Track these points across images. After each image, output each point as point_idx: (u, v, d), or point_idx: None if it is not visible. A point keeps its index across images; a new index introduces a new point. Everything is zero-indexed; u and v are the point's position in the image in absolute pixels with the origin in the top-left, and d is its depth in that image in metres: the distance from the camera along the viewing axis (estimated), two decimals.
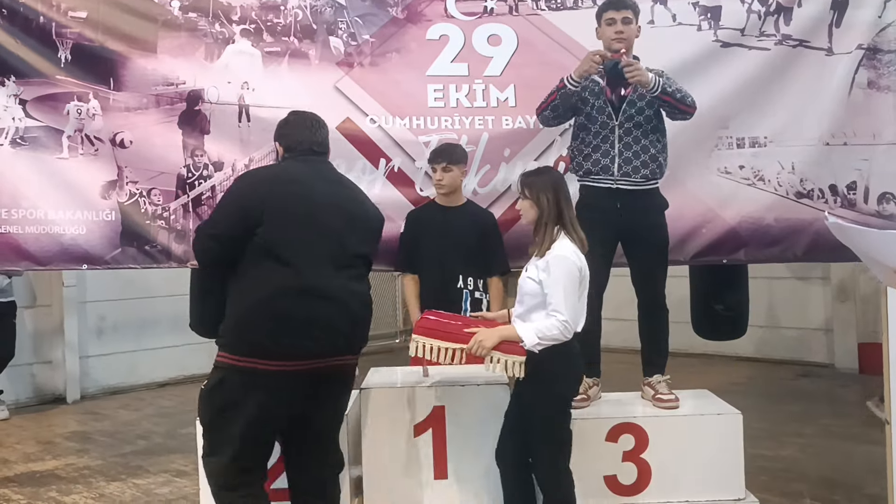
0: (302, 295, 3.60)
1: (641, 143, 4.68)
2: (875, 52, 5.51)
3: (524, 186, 4.07)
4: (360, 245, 3.85)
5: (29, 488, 6.01)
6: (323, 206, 3.76)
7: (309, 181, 3.84)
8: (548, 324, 3.83)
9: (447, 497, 4.38)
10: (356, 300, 3.78)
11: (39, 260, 5.51)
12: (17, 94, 5.47)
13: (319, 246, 3.68)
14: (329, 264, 3.68)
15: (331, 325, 3.65)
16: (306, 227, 3.68)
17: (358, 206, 3.95)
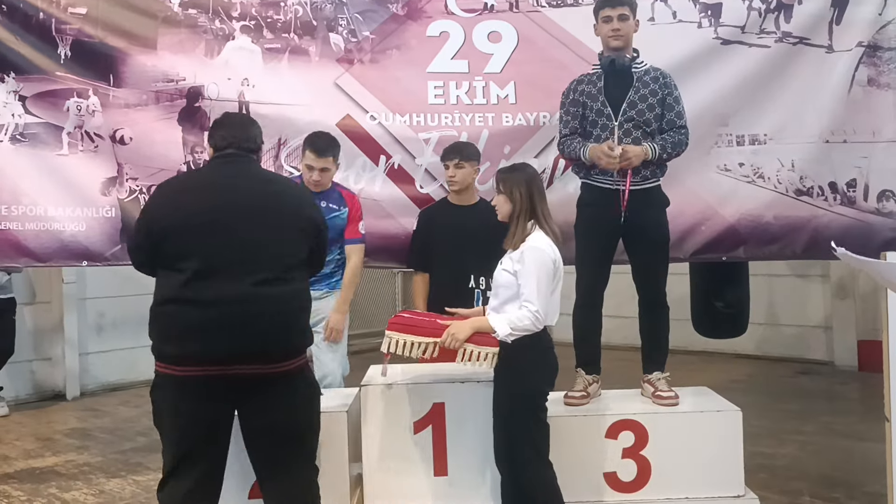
0: (194, 304, 3.51)
1: (642, 145, 4.67)
2: (875, 50, 5.51)
3: (498, 182, 4.13)
4: (282, 246, 3.60)
5: (29, 485, 6.01)
6: (232, 211, 3.58)
7: (221, 186, 3.69)
8: (520, 314, 3.86)
9: (447, 493, 4.38)
10: (264, 306, 3.49)
11: (39, 256, 5.51)
12: (16, 90, 5.47)
13: (222, 253, 3.53)
14: (232, 271, 3.50)
15: (224, 331, 3.47)
16: (208, 236, 3.55)
17: (281, 205, 3.69)
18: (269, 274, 3.53)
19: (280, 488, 3.69)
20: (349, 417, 4.42)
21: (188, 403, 3.59)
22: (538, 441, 3.95)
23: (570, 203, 4.96)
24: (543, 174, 5.55)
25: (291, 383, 3.61)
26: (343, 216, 5.11)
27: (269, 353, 3.53)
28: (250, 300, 3.48)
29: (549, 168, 5.56)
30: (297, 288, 3.63)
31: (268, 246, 3.57)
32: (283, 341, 3.57)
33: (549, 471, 3.96)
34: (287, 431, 3.65)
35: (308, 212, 3.75)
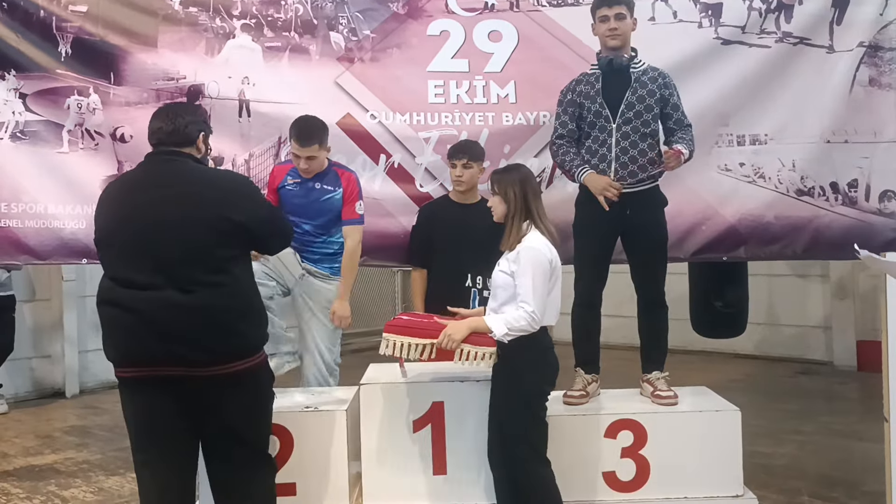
0: (120, 307, 3.49)
1: (639, 148, 4.67)
2: (876, 50, 5.51)
3: (493, 183, 4.13)
4: (198, 250, 3.47)
5: (28, 482, 6.01)
6: (145, 212, 3.53)
7: (140, 184, 3.68)
8: (516, 314, 3.86)
9: (446, 492, 4.38)
10: (183, 310, 3.42)
11: (39, 254, 5.51)
12: (17, 87, 5.47)
13: (138, 259, 3.48)
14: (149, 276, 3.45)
15: (146, 334, 3.44)
16: (127, 242, 3.53)
17: (196, 208, 3.53)
18: (187, 277, 3.44)
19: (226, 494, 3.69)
20: (348, 416, 4.42)
21: (132, 403, 3.62)
22: (535, 440, 3.95)
23: (569, 202, 4.96)
24: (543, 173, 5.56)
25: (227, 387, 3.53)
26: (338, 197, 5.00)
27: (190, 356, 3.45)
28: (169, 304, 3.42)
29: (548, 168, 5.56)
30: (224, 290, 3.50)
31: (184, 250, 3.46)
32: (207, 344, 3.46)
33: (546, 469, 3.96)
34: (229, 435, 3.63)
35: (226, 212, 3.54)
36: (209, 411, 3.57)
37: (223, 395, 3.55)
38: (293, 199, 4.98)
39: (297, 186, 4.97)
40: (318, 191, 4.96)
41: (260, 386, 3.70)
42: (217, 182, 3.72)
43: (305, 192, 4.96)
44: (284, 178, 5.01)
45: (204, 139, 3.79)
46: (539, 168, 5.56)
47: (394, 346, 4.08)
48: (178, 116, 3.76)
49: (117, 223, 3.59)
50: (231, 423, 3.60)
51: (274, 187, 5.03)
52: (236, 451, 3.64)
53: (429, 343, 4.03)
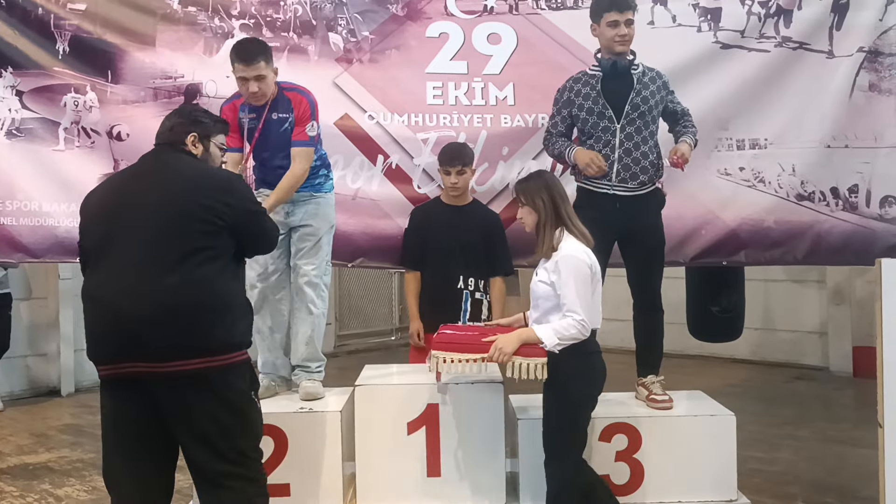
0: (93, 301, 3.48)
1: (641, 150, 4.66)
2: (876, 55, 5.51)
3: (519, 193, 4.09)
4: (173, 244, 3.39)
5: (22, 480, 6.00)
6: (127, 205, 3.51)
7: (126, 180, 3.70)
8: (564, 323, 3.83)
9: (440, 494, 4.37)
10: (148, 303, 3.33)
11: (34, 252, 5.50)
12: (13, 85, 5.46)
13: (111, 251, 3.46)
14: (119, 269, 3.40)
15: (109, 328, 3.40)
16: (102, 235, 3.51)
17: (173, 191, 3.50)
18: (154, 266, 3.36)
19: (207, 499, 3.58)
20: (343, 417, 4.41)
21: (106, 400, 3.58)
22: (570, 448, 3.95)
23: None
24: None
25: (192, 387, 3.39)
26: (290, 121, 4.74)
27: (151, 350, 3.34)
28: (133, 294, 3.34)
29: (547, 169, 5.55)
30: (196, 286, 3.40)
31: (154, 237, 3.40)
32: (168, 337, 3.33)
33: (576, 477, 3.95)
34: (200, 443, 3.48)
35: (203, 202, 3.46)
36: (175, 415, 3.44)
37: (187, 396, 3.40)
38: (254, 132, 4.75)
39: (253, 122, 4.74)
40: (276, 121, 4.71)
41: (232, 389, 3.48)
42: (200, 174, 3.64)
43: (264, 125, 4.72)
44: (240, 112, 4.77)
45: (197, 139, 3.74)
46: None
47: (444, 363, 4.00)
48: (170, 118, 3.80)
49: (95, 213, 3.58)
50: (199, 429, 3.44)
51: (233, 125, 4.70)
52: (209, 462, 3.48)
53: (479, 358, 3.96)
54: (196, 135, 3.74)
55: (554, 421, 3.97)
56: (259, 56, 4.59)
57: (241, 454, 3.52)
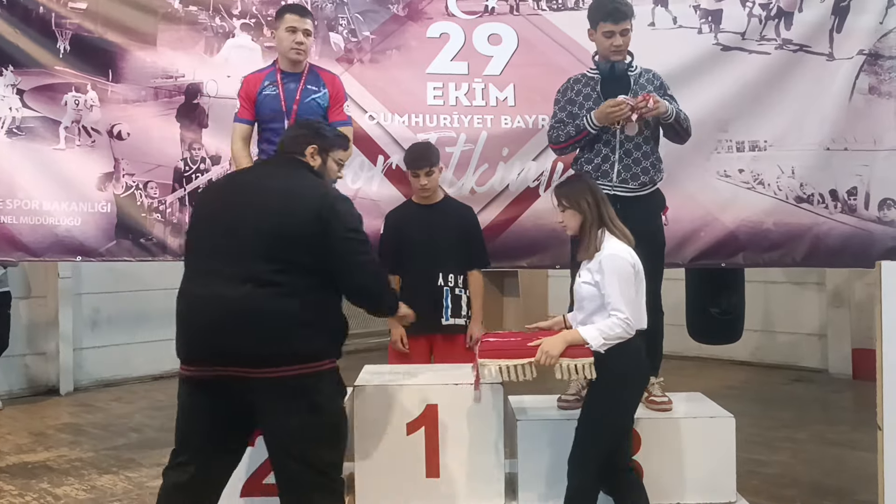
0: (188, 299, 3.54)
1: (642, 150, 4.66)
2: (876, 58, 5.52)
3: (562, 198, 4.05)
4: (270, 252, 3.44)
5: (20, 479, 5.99)
6: (233, 209, 3.58)
7: (239, 183, 3.77)
8: (609, 322, 3.83)
9: (439, 495, 4.37)
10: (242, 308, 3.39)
11: (34, 251, 5.51)
12: (14, 83, 5.47)
13: (214, 251, 3.53)
14: (218, 270, 3.47)
15: (205, 329, 3.46)
16: (211, 231, 3.59)
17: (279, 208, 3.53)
18: (254, 277, 3.42)
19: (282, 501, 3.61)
20: None
21: (183, 400, 3.60)
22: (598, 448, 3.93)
23: None
24: (542, 176, 5.57)
25: (278, 393, 3.44)
26: (323, 96, 4.89)
27: (243, 357, 3.40)
28: (231, 300, 3.40)
29: (547, 171, 5.57)
30: (285, 291, 3.43)
31: (253, 243, 3.46)
32: (257, 344, 3.39)
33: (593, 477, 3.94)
34: (280, 444, 3.52)
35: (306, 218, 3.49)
36: (260, 419, 3.50)
37: (274, 401, 3.44)
38: (271, 104, 4.82)
39: (275, 90, 4.82)
40: (305, 91, 4.81)
41: (320, 396, 3.51)
42: (308, 190, 3.63)
43: (289, 94, 4.81)
44: (262, 84, 4.84)
45: (316, 152, 3.78)
46: (538, 171, 5.57)
47: (494, 371, 3.98)
48: (294, 128, 3.94)
49: (203, 210, 3.69)
50: (282, 434, 3.48)
51: (251, 96, 4.85)
52: (291, 467, 3.51)
53: (527, 363, 3.94)
54: (316, 147, 3.79)
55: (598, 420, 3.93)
56: (310, 14, 4.90)
57: (325, 463, 3.55)
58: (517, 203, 5.61)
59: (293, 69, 4.85)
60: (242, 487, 4.36)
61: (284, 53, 4.83)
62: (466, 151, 5.51)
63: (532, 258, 5.65)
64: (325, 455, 3.55)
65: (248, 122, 4.85)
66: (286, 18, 4.79)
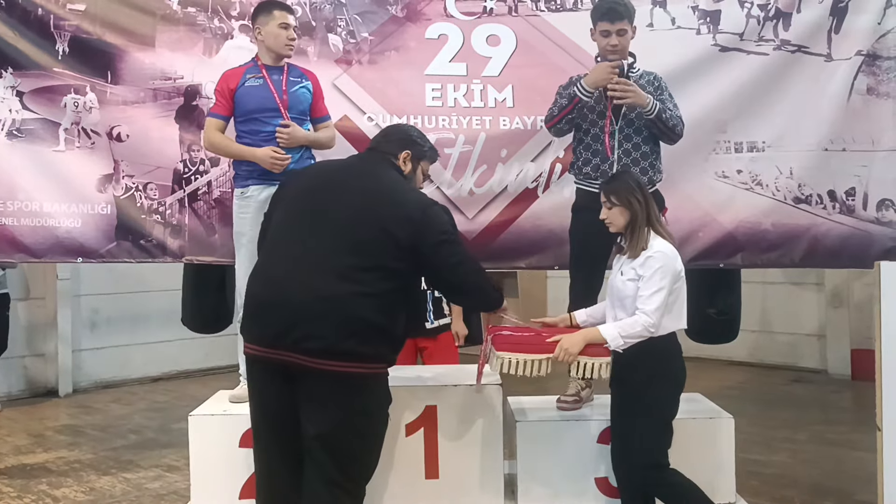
0: (264, 279, 3.59)
1: (641, 150, 4.67)
2: (874, 59, 5.52)
3: (611, 195, 3.99)
4: (357, 248, 3.48)
5: (19, 481, 5.99)
6: (321, 198, 3.63)
7: (329, 173, 3.81)
8: (631, 321, 3.82)
9: (438, 496, 4.37)
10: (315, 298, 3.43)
11: (34, 252, 5.51)
12: (14, 85, 5.47)
13: (290, 236, 3.60)
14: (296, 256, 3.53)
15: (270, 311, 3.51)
16: (295, 216, 3.65)
17: (366, 207, 3.57)
18: (335, 269, 3.46)
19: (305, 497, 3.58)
20: None
21: (251, 381, 3.66)
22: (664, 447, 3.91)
23: (565, 207, 4.97)
24: (540, 178, 5.56)
25: (331, 386, 3.45)
26: (307, 88, 4.89)
27: (303, 346, 3.42)
28: (308, 288, 3.44)
29: (545, 172, 5.56)
30: (360, 291, 3.45)
31: (344, 242, 3.50)
32: (325, 336, 3.41)
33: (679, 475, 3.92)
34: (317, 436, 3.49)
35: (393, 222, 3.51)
36: (306, 405, 3.50)
37: (328, 394, 3.46)
38: (259, 94, 4.77)
39: (260, 80, 4.79)
40: (290, 82, 4.82)
41: (367, 396, 3.54)
42: (400, 193, 3.67)
43: (276, 84, 4.79)
44: (243, 77, 4.81)
45: (409, 158, 3.83)
46: (536, 172, 5.57)
47: (510, 364, 3.93)
48: (390, 129, 4.01)
49: (291, 193, 3.74)
50: (327, 427, 3.47)
51: (231, 89, 4.78)
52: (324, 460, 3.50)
53: (544, 358, 3.91)
54: (409, 153, 3.83)
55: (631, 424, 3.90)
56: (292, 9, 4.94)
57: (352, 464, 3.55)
58: (516, 204, 5.61)
59: (275, 63, 4.85)
60: (241, 489, 4.36)
61: (277, 49, 4.80)
62: (465, 152, 5.51)
63: (531, 259, 5.65)
64: (360, 457, 3.57)
65: (223, 117, 4.79)
66: (276, 15, 4.78)
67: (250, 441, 3.84)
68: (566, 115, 4.71)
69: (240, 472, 4.32)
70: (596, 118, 4.71)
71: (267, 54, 4.84)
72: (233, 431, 4.38)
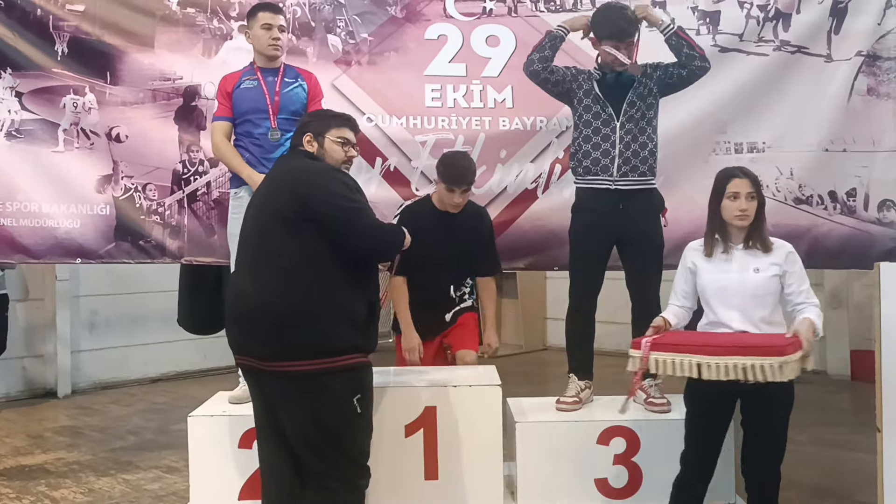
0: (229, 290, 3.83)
1: (640, 140, 4.68)
2: (874, 60, 5.52)
3: (755, 186, 3.99)
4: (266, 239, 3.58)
5: (18, 482, 5.99)
6: (255, 204, 3.80)
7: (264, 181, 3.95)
8: (817, 312, 3.91)
9: (438, 497, 4.37)
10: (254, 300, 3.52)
11: (33, 253, 5.51)
12: (13, 86, 5.46)
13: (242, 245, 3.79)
14: (242, 264, 3.72)
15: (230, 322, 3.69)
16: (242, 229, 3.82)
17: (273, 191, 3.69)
18: (258, 267, 3.59)
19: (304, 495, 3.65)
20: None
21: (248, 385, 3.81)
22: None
23: (565, 208, 4.98)
24: (540, 178, 5.57)
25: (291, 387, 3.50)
26: (302, 89, 4.88)
27: (252, 349, 3.55)
28: (241, 293, 3.60)
29: (545, 173, 5.57)
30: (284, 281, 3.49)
31: (258, 238, 3.65)
32: (264, 338, 3.49)
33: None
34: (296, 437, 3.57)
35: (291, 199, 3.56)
36: (279, 409, 3.58)
37: (288, 394, 3.52)
38: (251, 96, 4.80)
39: (254, 83, 4.82)
40: (284, 83, 4.85)
41: (333, 393, 3.51)
42: (291, 172, 3.75)
43: (270, 86, 4.82)
44: (240, 80, 4.83)
45: (311, 139, 3.85)
46: (536, 173, 5.57)
47: (723, 369, 3.77)
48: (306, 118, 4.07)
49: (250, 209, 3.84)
50: (297, 426, 3.55)
51: (228, 92, 4.81)
52: (306, 457, 3.58)
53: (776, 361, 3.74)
54: (311, 134, 3.87)
55: (785, 422, 4.04)
56: (282, 11, 4.94)
57: (335, 459, 3.56)
58: (515, 205, 5.60)
59: (270, 65, 4.86)
60: (241, 490, 4.35)
61: (262, 51, 4.84)
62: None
63: (530, 260, 5.65)
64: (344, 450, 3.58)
65: (227, 119, 4.82)
66: (260, 17, 4.81)
67: (249, 442, 3.84)
68: (538, 46, 4.82)
69: (239, 474, 4.32)
70: (598, 111, 4.70)
71: (258, 56, 4.87)
72: (232, 432, 4.38)
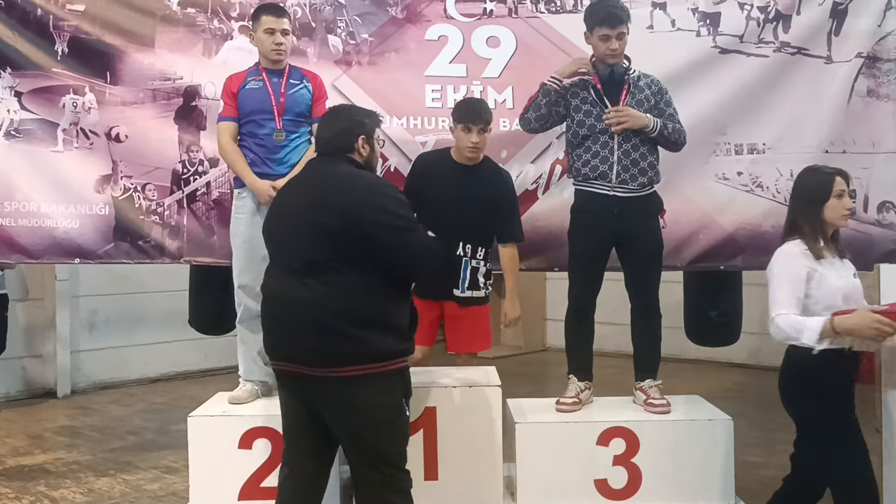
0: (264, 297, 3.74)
1: (640, 151, 4.68)
2: (875, 61, 5.51)
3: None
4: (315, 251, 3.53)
5: (17, 482, 5.99)
6: (287, 211, 3.72)
7: (296, 186, 3.85)
8: None
9: (437, 498, 4.35)
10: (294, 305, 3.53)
11: (32, 253, 5.50)
12: (12, 85, 5.45)
13: (276, 252, 3.74)
14: (285, 269, 3.63)
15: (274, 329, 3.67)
16: (272, 236, 3.78)
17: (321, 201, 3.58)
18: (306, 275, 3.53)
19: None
20: None
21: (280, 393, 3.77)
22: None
23: (564, 209, 4.98)
24: (540, 179, 5.56)
25: (339, 392, 3.51)
26: (306, 90, 4.90)
27: (302, 356, 3.53)
28: (291, 300, 3.55)
29: (545, 174, 5.56)
30: (335, 291, 3.49)
31: (304, 248, 3.56)
32: (317, 345, 3.49)
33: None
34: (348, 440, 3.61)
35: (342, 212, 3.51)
36: (328, 414, 3.58)
37: (337, 398, 3.52)
38: (257, 96, 4.82)
39: (260, 83, 4.84)
40: (289, 84, 4.87)
41: (378, 395, 3.53)
42: (346, 185, 3.62)
43: (274, 87, 4.84)
44: (245, 80, 4.86)
45: (364, 141, 3.76)
46: (536, 174, 5.56)
47: None
48: (332, 121, 3.84)
49: (272, 220, 3.81)
50: (346, 429, 3.58)
51: (234, 92, 4.84)
52: (356, 460, 3.63)
53: None
54: (364, 136, 3.79)
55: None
56: (286, 13, 4.93)
57: (383, 460, 3.58)
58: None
59: (275, 66, 4.88)
60: (240, 490, 4.35)
61: (266, 55, 4.86)
62: None
63: (530, 260, 5.63)
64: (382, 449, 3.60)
65: (233, 119, 4.84)
66: (263, 20, 4.82)
67: (249, 442, 3.85)
68: (532, 103, 4.84)
69: (239, 474, 4.33)
70: (594, 121, 4.71)
71: (263, 60, 4.89)
72: (232, 433, 4.38)
